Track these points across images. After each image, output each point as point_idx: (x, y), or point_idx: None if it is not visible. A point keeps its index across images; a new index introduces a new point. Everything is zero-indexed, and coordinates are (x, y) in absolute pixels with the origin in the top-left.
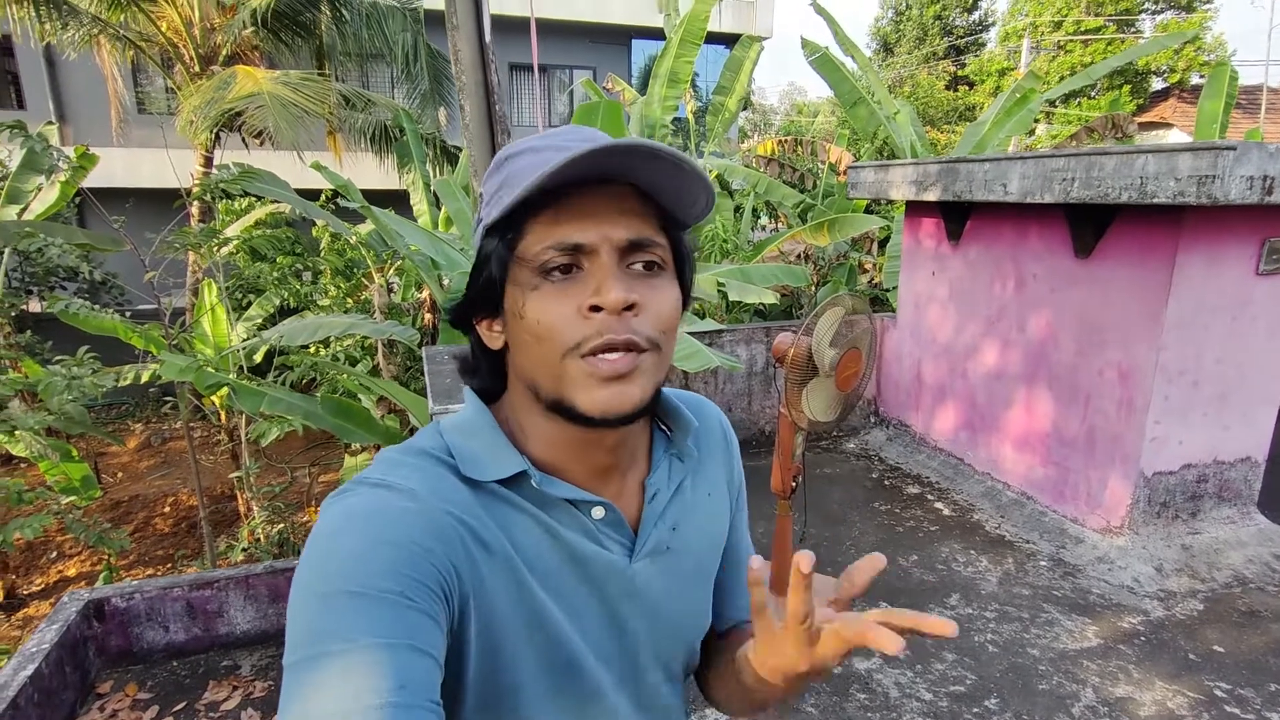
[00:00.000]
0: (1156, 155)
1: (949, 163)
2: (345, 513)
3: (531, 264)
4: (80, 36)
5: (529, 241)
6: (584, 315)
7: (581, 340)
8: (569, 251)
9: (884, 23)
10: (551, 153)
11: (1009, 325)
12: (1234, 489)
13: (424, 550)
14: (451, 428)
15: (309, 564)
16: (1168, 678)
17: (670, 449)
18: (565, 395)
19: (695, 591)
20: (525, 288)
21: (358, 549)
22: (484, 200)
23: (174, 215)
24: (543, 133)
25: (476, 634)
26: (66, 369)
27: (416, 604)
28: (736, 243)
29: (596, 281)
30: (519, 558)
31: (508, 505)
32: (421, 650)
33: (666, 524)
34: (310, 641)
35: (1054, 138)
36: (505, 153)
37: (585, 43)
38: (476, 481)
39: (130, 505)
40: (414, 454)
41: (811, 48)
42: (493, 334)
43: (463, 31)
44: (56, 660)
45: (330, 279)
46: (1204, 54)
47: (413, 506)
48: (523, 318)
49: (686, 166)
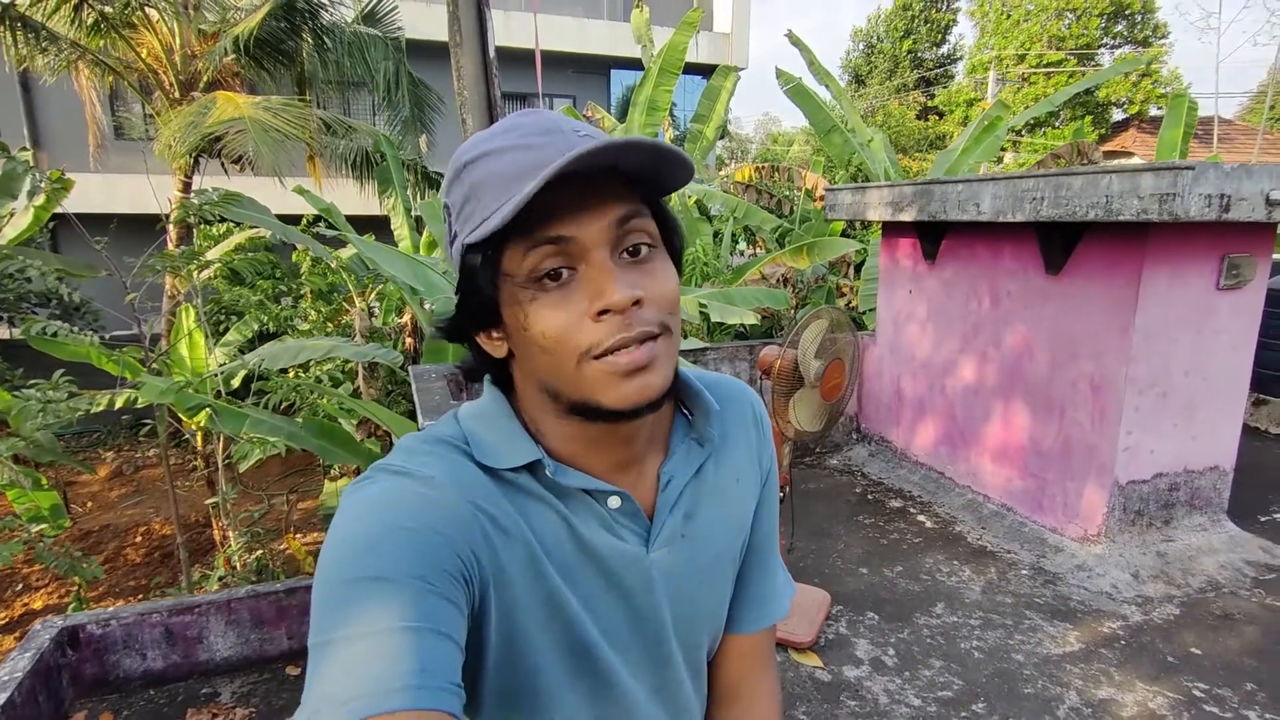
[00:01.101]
0: (1120, 175)
1: (924, 184)
2: (366, 500)
3: (521, 274)
4: (58, 62)
5: (513, 252)
6: (592, 319)
7: (594, 345)
8: (556, 248)
9: (855, 55)
10: (518, 152)
11: (985, 341)
12: (1204, 497)
13: (444, 536)
14: (469, 415)
15: (331, 550)
16: (1148, 679)
17: (690, 433)
18: (589, 396)
19: (715, 580)
20: (523, 301)
21: (378, 535)
22: (451, 213)
23: (150, 241)
24: (493, 126)
25: (497, 619)
26: (41, 392)
27: (437, 589)
28: (717, 266)
29: (596, 283)
30: (537, 544)
31: (524, 493)
32: (443, 634)
33: (683, 511)
34: (333, 625)
35: (1021, 165)
36: (462, 158)
37: (567, 72)
38: (493, 469)
39: (101, 535)
40: (432, 441)
41: (786, 78)
42: (493, 343)
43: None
44: (29, 689)
45: (311, 303)
46: (1160, 86)
47: (432, 493)
48: (527, 331)
49: (665, 152)
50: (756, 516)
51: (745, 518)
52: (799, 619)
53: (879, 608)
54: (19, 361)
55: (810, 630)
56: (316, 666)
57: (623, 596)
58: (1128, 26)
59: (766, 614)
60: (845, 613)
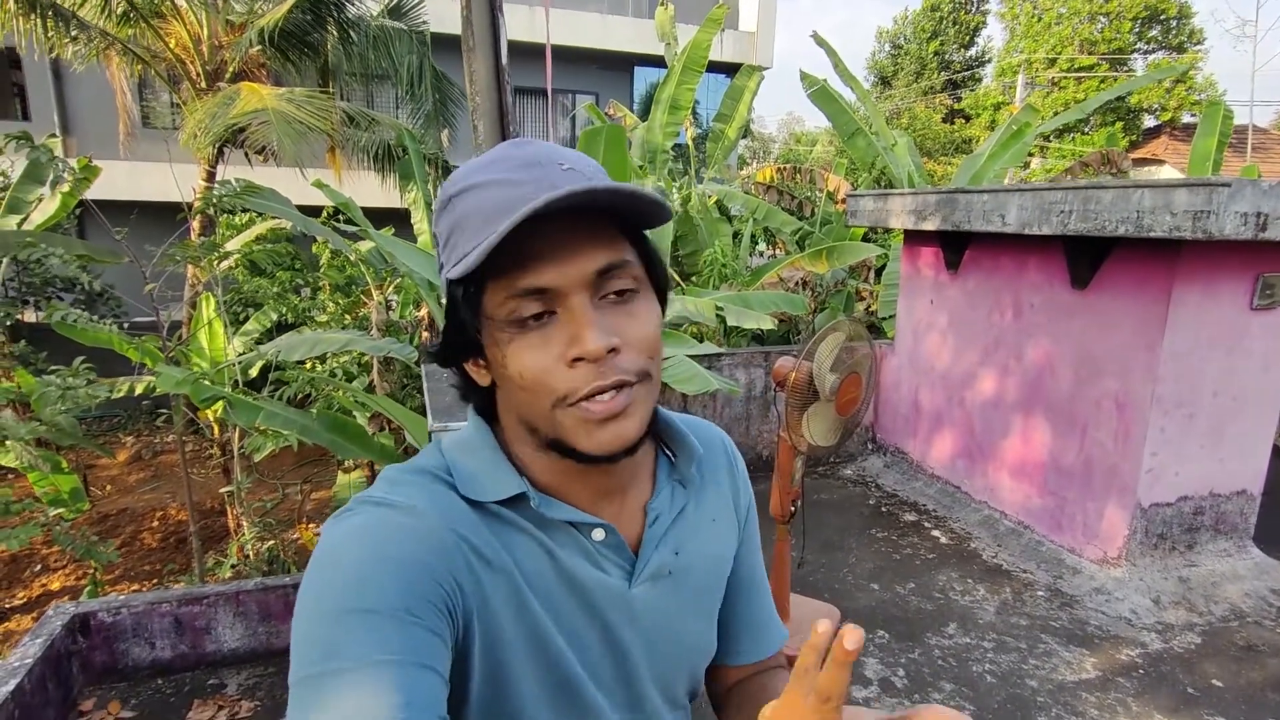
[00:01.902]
0: (1153, 190)
1: (948, 193)
2: (349, 531)
3: (500, 317)
4: (88, 51)
5: (493, 294)
6: (567, 365)
7: (569, 392)
8: (536, 297)
9: (882, 56)
10: (500, 188)
11: (1006, 355)
12: (1230, 522)
13: (427, 567)
14: (452, 446)
15: (313, 582)
16: (1166, 711)
17: (673, 474)
18: (564, 438)
19: (697, 617)
20: (501, 341)
21: (362, 567)
22: (439, 243)
23: (174, 229)
24: (484, 156)
25: (480, 651)
26: (62, 379)
27: (421, 621)
28: (735, 268)
29: (573, 329)
30: (520, 576)
31: (508, 525)
32: (427, 667)
33: (668, 548)
34: (316, 659)
35: (1048, 172)
36: (450, 189)
37: (590, 68)
38: (477, 501)
39: (118, 519)
40: (415, 472)
41: (810, 80)
42: (479, 371)
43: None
44: (40, 676)
45: (329, 295)
46: (1195, 93)
47: (415, 524)
48: (505, 369)
49: (642, 200)
50: (739, 555)
51: (725, 557)
52: (806, 636)
53: (890, 626)
54: (44, 345)
55: None
56: (301, 701)
57: (603, 630)
58: (1162, 31)
59: (762, 643)
60: (853, 622)
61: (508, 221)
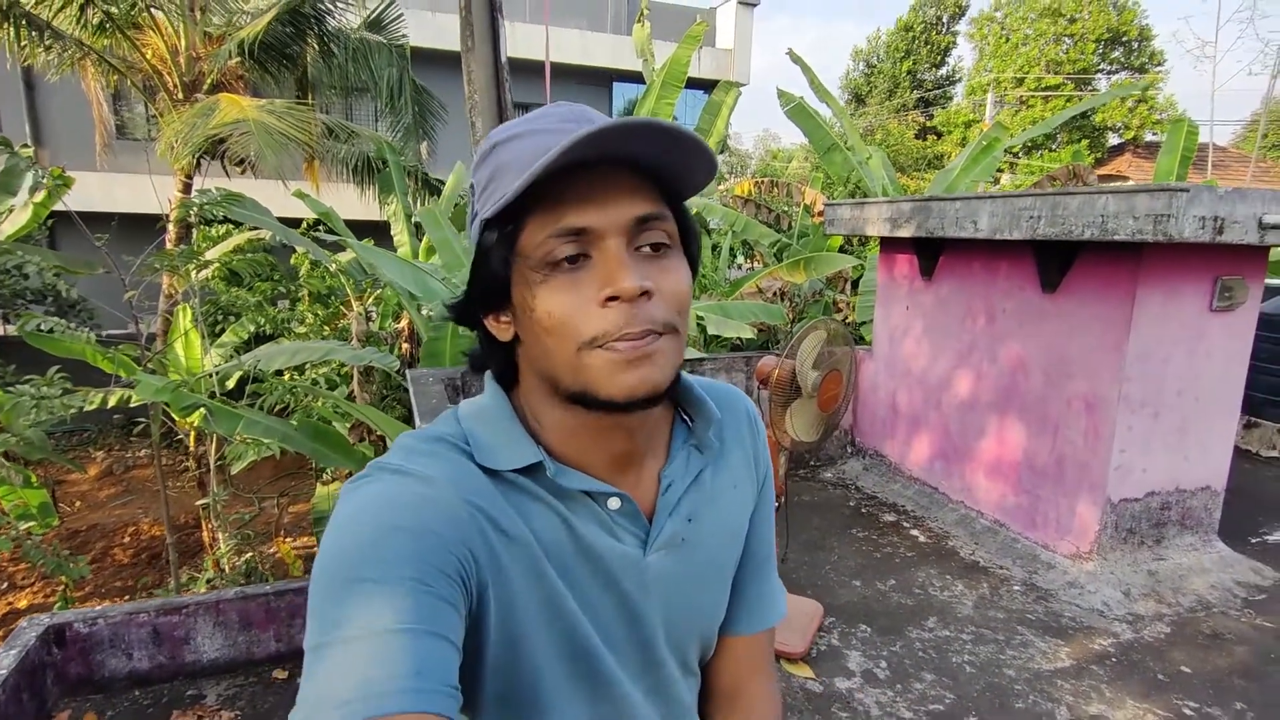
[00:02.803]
0: (1116, 195)
1: (923, 200)
2: (364, 499)
3: (536, 257)
4: (62, 60)
5: (530, 233)
6: (599, 306)
7: (599, 334)
8: (574, 238)
9: (856, 74)
10: (542, 136)
11: (980, 358)
12: (1195, 517)
13: (442, 537)
14: (469, 414)
15: (329, 549)
16: (1138, 697)
17: (690, 439)
18: (587, 385)
19: (710, 584)
20: (532, 282)
21: (376, 535)
22: (476, 192)
23: (150, 240)
24: (530, 113)
25: (496, 620)
26: (35, 389)
27: (434, 590)
28: (715, 279)
29: (607, 270)
30: (537, 545)
31: (524, 494)
32: (439, 636)
33: (682, 515)
34: (330, 626)
35: (1017, 186)
36: (493, 139)
37: (570, 84)
38: (493, 470)
39: (88, 534)
40: (431, 440)
41: (787, 98)
42: (500, 326)
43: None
44: (14, 687)
45: (308, 306)
46: (1156, 112)
47: (430, 493)
48: (533, 311)
49: (686, 139)
50: (753, 522)
51: (741, 524)
52: (792, 630)
53: (871, 620)
54: (13, 358)
55: (803, 641)
56: (312, 668)
57: (619, 598)
58: (1124, 53)
59: (764, 615)
60: (838, 624)
61: (556, 148)
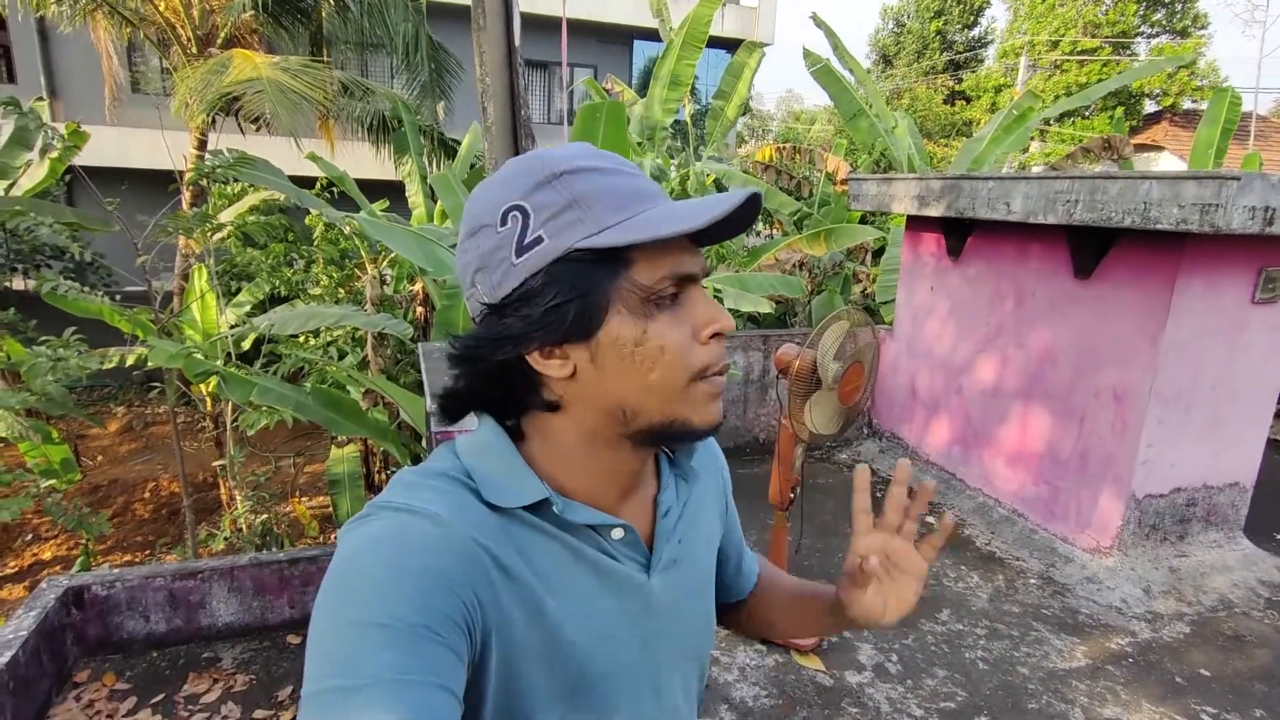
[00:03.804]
0: (1160, 182)
1: (952, 179)
2: (369, 539)
3: (644, 293)
4: (75, 11)
5: (642, 270)
6: (701, 342)
7: (706, 365)
8: (680, 281)
9: (884, 34)
10: (623, 178)
11: (1006, 343)
12: (1222, 514)
13: (450, 580)
14: (469, 450)
15: (332, 592)
16: (1155, 700)
17: (674, 468)
18: (680, 416)
19: (703, 600)
20: (638, 315)
21: (382, 578)
22: (535, 214)
23: (165, 197)
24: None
25: (497, 662)
26: (52, 350)
27: (441, 638)
28: (733, 248)
29: (709, 308)
30: (539, 583)
31: (529, 529)
32: (443, 688)
33: (676, 538)
34: (331, 673)
35: (1048, 156)
36: (552, 166)
37: (589, 41)
38: (498, 506)
39: (110, 489)
40: (433, 476)
41: (813, 59)
42: (555, 363)
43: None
44: (34, 648)
45: (322, 268)
46: (1197, 79)
47: (437, 532)
48: (640, 346)
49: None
50: (726, 528)
51: (716, 534)
52: None
53: None
54: (34, 313)
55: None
56: (313, 715)
57: (629, 623)
58: (1167, 15)
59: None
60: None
61: (718, 210)
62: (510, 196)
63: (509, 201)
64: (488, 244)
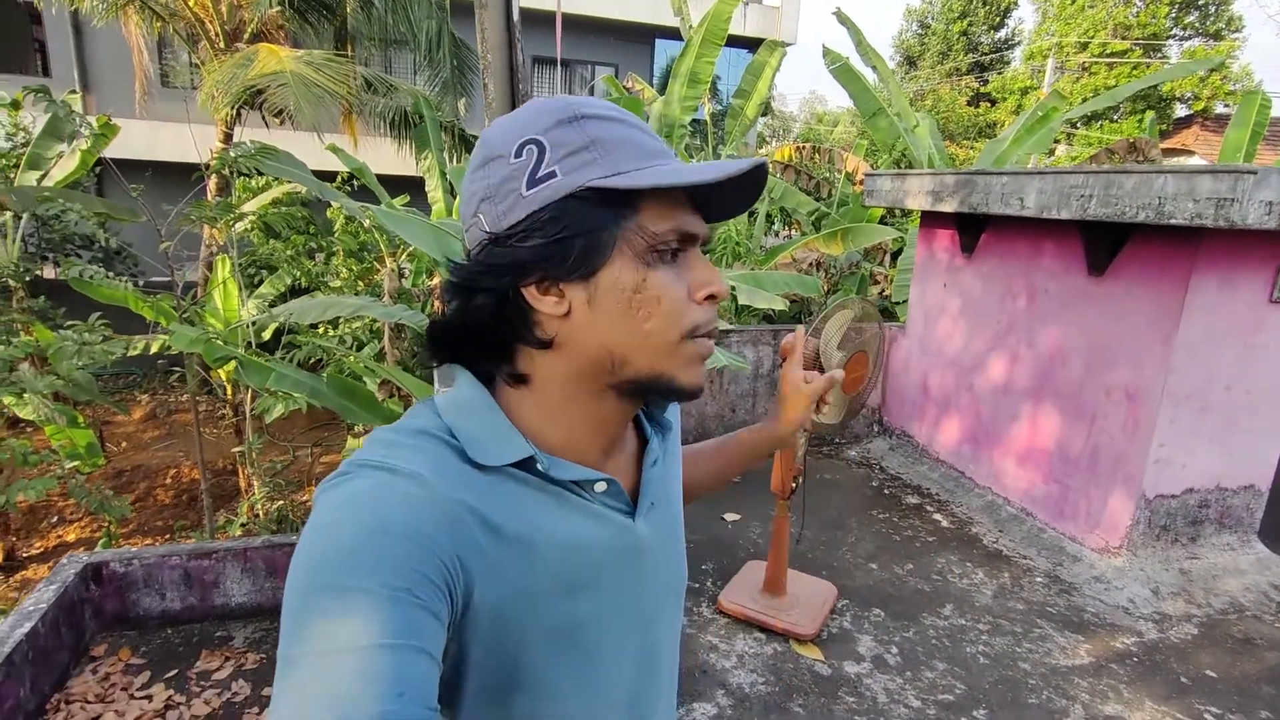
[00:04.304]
0: (1176, 176)
1: (966, 174)
2: (347, 498)
3: (651, 241)
4: (108, 6)
5: (650, 218)
6: (697, 302)
7: (698, 325)
8: (683, 239)
9: (908, 35)
10: (642, 134)
11: (1018, 340)
12: (1235, 516)
13: (430, 541)
14: (449, 407)
15: (308, 552)
16: (1158, 699)
17: (652, 422)
18: (667, 372)
19: (679, 539)
20: (640, 263)
21: (361, 538)
22: (551, 150)
23: (190, 189)
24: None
25: (483, 618)
26: (78, 334)
27: (421, 601)
28: (749, 246)
29: (705, 269)
30: (528, 531)
31: (514, 482)
32: (423, 651)
33: (657, 484)
34: (310, 636)
35: (1074, 159)
36: (575, 108)
37: (609, 40)
38: (483, 464)
39: (133, 475)
40: (413, 434)
41: (833, 57)
42: (549, 299)
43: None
44: (53, 621)
45: (342, 260)
46: (1230, 83)
47: (418, 492)
48: (639, 293)
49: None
50: None
51: (680, 480)
52: (803, 610)
53: (886, 605)
54: (63, 300)
55: (814, 623)
56: (289, 677)
57: (613, 566)
58: (1200, 18)
59: None
60: (851, 607)
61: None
62: (527, 131)
63: (526, 135)
64: (498, 174)
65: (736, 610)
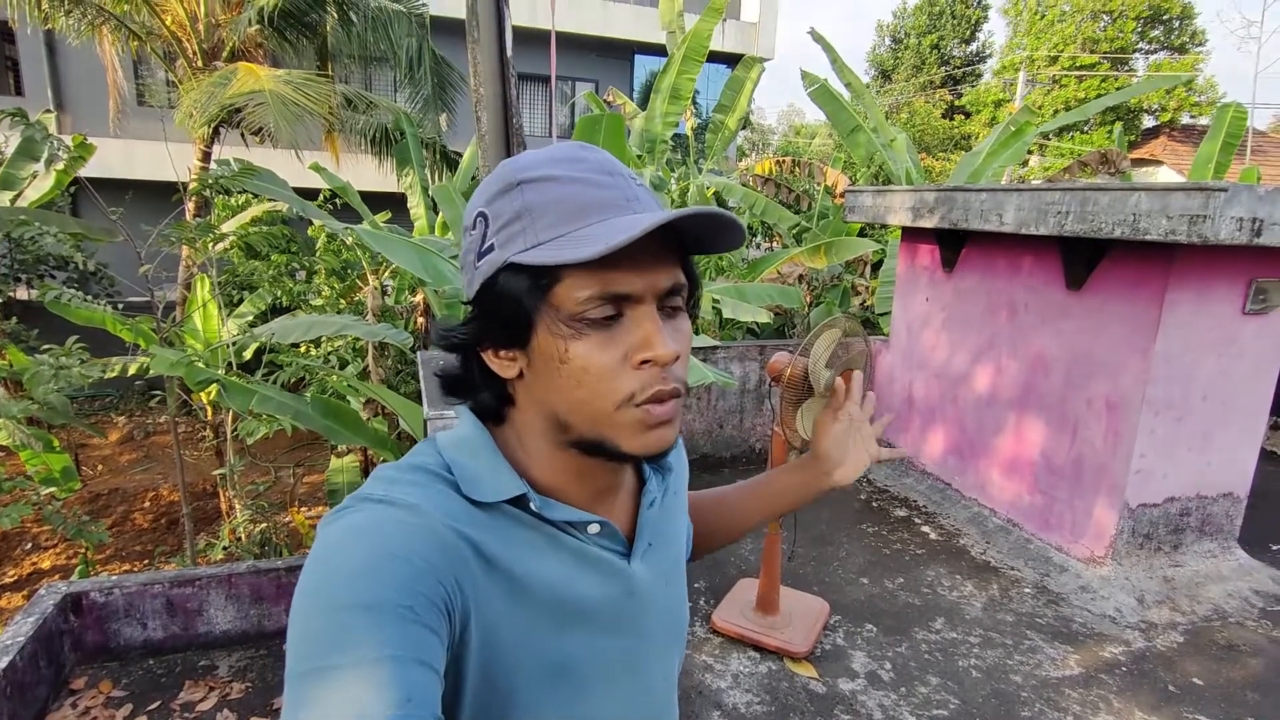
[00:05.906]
0: (1149, 193)
1: (947, 190)
2: (349, 528)
3: (572, 311)
4: (83, 25)
5: (569, 288)
6: (633, 367)
7: (634, 393)
8: (615, 302)
9: (882, 50)
10: (581, 187)
11: (1000, 353)
12: (1216, 523)
13: (429, 565)
14: (450, 445)
15: (313, 577)
16: (1148, 709)
17: (651, 464)
18: (608, 439)
19: (678, 584)
20: (564, 335)
21: (364, 563)
22: (489, 223)
23: (169, 208)
24: (549, 151)
25: (477, 647)
26: (54, 358)
27: (422, 619)
28: (732, 260)
29: (643, 332)
30: (520, 568)
31: (508, 519)
32: (426, 664)
33: (655, 527)
34: (317, 653)
35: (1046, 170)
36: (516, 174)
37: (590, 55)
38: (477, 501)
39: (109, 499)
40: (412, 470)
41: (811, 79)
42: (503, 362)
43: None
44: (31, 654)
45: (324, 279)
46: (1195, 95)
47: (416, 522)
48: (565, 364)
49: (732, 227)
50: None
51: (684, 526)
52: (796, 628)
53: (878, 619)
54: (36, 322)
55: (807, 640)
56: (300, 693)
57: (606, 609)
58: (1164, 32)
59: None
60: (843, 623)
61: (638, 230)
62: (479, 201)
63: (478, 207)
64: (465, 244)
65: (730, 629)
